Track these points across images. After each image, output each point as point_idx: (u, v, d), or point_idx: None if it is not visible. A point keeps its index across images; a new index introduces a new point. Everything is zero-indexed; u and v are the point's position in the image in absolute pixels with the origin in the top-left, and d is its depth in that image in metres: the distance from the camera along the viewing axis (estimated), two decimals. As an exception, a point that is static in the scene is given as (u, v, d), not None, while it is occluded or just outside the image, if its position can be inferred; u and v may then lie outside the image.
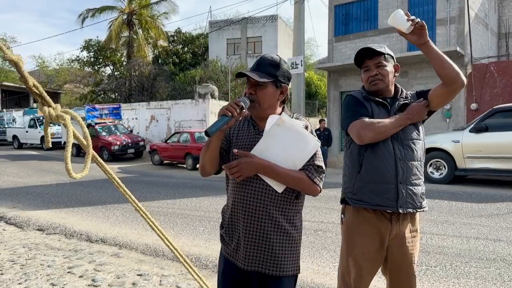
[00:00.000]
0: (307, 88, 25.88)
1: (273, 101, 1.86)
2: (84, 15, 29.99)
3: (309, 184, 1.80)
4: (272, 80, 1.82)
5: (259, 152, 1.79)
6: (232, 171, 1.77)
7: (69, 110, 1.74)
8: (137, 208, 2.25)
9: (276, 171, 1.77)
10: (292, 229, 1.84)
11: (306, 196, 1.93)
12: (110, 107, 20.71)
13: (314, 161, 1.82)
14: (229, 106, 1.73)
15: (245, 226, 1.83)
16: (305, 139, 1.80)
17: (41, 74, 43.74)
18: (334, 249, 4.90)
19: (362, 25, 14.67)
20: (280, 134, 1.78)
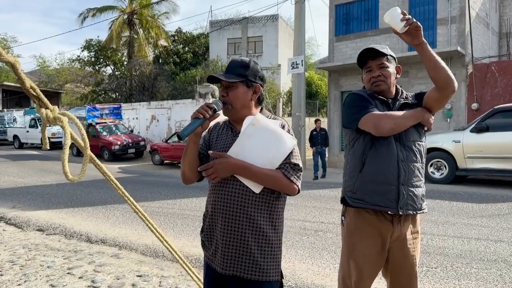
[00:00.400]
0: (307, 88, 25.84)
1: (245, 101, 1.86)
2: (85, 15, 29.98)
3: (286, 183, 1.77)
4: (242, 80, 1.83)
5: (235, 153, 1.79)
6: (208, 172, 1.77)
7: (66, 112, 1.73)
8: (136, 210, 2.24)
9: (252, 170, 1.75)
10: (272, 231, 1.81)
11: (306, 197, 1.93)
12: (110, 107, 20.70)
13: (290, 159, 1.79)
14: (201, 108, 1.75)
15: (223, 229, 1.81)
16: (281, 138, 1.78)
17: (42, 74, 43.76)
18: (334, 250, 4.89)
19: (363, 25, 14.63)
20: (256, 134, 1.78)
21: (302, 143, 13.80)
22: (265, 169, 1.76)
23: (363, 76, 2.28)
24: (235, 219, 1.78)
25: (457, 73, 12.59)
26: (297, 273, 4.12)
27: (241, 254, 1.78)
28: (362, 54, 2.22)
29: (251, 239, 1.77)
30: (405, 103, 2.20)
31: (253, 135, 1.78)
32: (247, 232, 1.77)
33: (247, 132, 1.79)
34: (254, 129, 1.78)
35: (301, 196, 8.66)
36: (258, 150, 1.78)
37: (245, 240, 1.77)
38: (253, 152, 1.78)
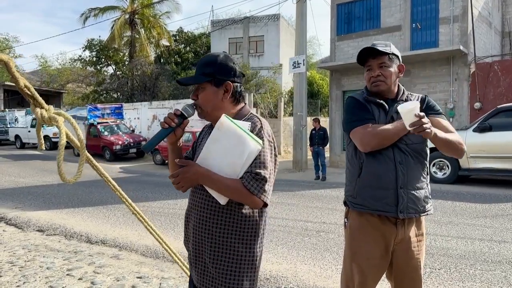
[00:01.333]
0: (309, 88, 25.78)
1: (216, 102, 1.70)
2: (87, 15, 29.96)
3: (246, 195, 1.56)
4: (209, 80, 1.69)
5: (203, 160, 1.65)
6: (175, 181, 1.64)
7: (62, 111, 1.69)
8: (134, 211, 2.20)
9: (213, 180, 1.59)
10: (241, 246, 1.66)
11: (308, 197, 1.91)
12: (112, 106, 20.68)
13: (252, 168, 1.57)
14: (167, 118, 1.68)
15: (193, 238, 1.75)
16: (244, 142, 1.56)
17: (43, 74, 43.82)
18: (336, 251, 4.84)
19: (365, 24, 14.57)
20: (221, 138, 1.61)
21: (304, 143, 13.75)
22: (226, 179, 1.57)
23: (365, 75, 2.24)
24: (198, 231, 1.70)
25: (459, 73, 12.53)
26: (298, 274, 4.07)
27: (202, 269, 1.72)
28: (362, 53, 2.17)
29: (207, 256, 1.68)
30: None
31: (218, 139, 1.62)
32: (206, 247, 1.69)
33: (213, 137, 1.63)
34: (219, 133, 1.61)
35: (303, 196, 8.62)
36: (223, 156, 1.61)
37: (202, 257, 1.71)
38: (218, 158, 1.62)
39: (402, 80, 10.35)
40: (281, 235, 5.58)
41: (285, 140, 19.67)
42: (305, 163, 13.76)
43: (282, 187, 9.78)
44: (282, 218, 6.58)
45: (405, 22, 13.62)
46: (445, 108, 12.74)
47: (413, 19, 13.56)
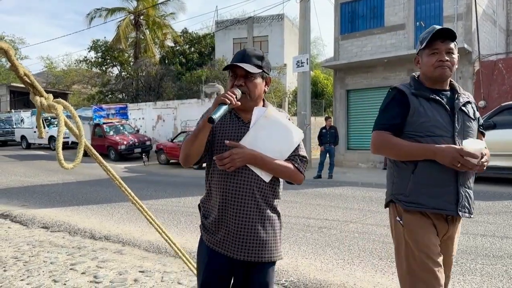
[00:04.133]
0: (313, 87, 25.78)
1: (261, 92, 1.92)
2: (92, 15, 30.14)
3: (296, 173, 1.90)
4: (260, 72, 1.88)
5: (248, 143, 1.84)
6: (224, 161, 1.80)
7: (61, 100, 1.72)
8: (133, 201, 2.24)
9: (266, 161, 1.84)
10: (276, 216, 1.93)
11: (311, 195, 1.98)
12: (117, 107, 20.78)
13: (299, 152, 1.92)
14: (227, 94, 1.74)
15: (235, 216, 1.86)
16: (291, 131, 1.89)
17: (49, 75, 44.11)
18: (338, 246, 4.86)
19: (368, 23, 14.56)
20: (268, 125, 1.86)
21: (308, 142, 13.75)
22: (279, 161, 1.86)
23: (423, 59, 2.09)
24: (246, 206, 1.85)
25: (463, 71, 12.49)
26: (299, 268, 4.10)
27: (250, 239, 1.85)
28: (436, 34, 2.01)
29: (259, 224, 1.86)
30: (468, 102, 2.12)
31: (265, 127, 1.86)
32: (257, 218, 1.86)
33: (260, 124, 1.85)
34: (267, 121, 1.86)
35: (305, 194, 8.63)
36: (270, 141, 1.86)
37: (254, 226, 1.85)
38: (265, 143, 1.85)
39: (406, 78, 10.32)
40: (283, 231, 5.57)
41: (289, 139, 19.66)
42: (309, 162, 13.75)
43: (285, 185, 9.75)
44: (284, 215, 6.60)
45: (409, 20, 13.60)
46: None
47: (417, 17, 13.54)
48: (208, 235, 1.95)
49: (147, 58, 28.51)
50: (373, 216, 6.47)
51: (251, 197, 1.85)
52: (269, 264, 1.90)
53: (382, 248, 4.77)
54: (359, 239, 5.14)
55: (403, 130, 2.04)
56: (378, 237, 5.24)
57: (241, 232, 1.85)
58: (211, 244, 1.92)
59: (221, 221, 1.89)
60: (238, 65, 1.83)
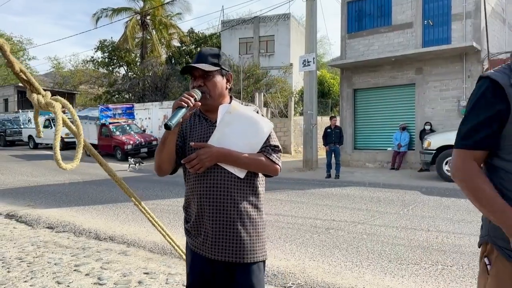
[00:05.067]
0: (319, 87, 25.65)
1: (222, 90, 1.88)
2: (98, 15, 30.18)
3: (269, 164, 1.84)
4: (218, 69, 1.85)
5: (216, 142, 1.81)
6: (192, 163, 1.77)
7: (59, 97, 1.65)
8: (136, 202, 2.17)
9: (236, 157, 1.79)
10: (256, 214, 1.86)
11: (318, 195, 1.89)
12: (123, 107, 20.78)
13: (269, 142, 1.86)
14: (183, 98, 1.71)
15: (212, 217, 1.82)
16: (258, 122, 1.84)
17: (56, 75, 44.34)
18: (346, 248, 4.76)
19: (376, 21, 14.42)
20: (233, 121, 1.82)
21: (314, 142, 13.65)
22: (250, 155, 1.81)
23: None
24: (223, 205, 1.80)
25: (472, 69, 12.32)
26: (306, 271, 4.01)
27: (230, 239, 1.80)
28: None
29: (239, 224, 1.81)
30: None
31: (231, 122, 1.82)
32: (235, 217, 1.80)
33: (225, 120, 1.82)
34: (231, 116, 1.82)
35: (312, 194, 8.54)
36: (238, 136, 1.82)
37: (233, 225, 1.80)
38: (233, 139, 1.81)
39: (414, 78, 10.18)
40: (289, 232, 5.52)
41: (295, 139, 19.56)
42: (315, 162, 13.66)
43: (292, 186, 9.72)
44: (291, 216, 6.52)
45: (416, 19, 13.44)
46: (458, 105, 12.55)
47: (425, 15, 13.38)
48: (190, 238, 1.93)
49: (154, 58, 28.52)
50: (381, 217, 6.36)
51: (227, 196, 1.80)
52: (253, 264, 1.83)
53: (391, 250, 4.67)
54: (368, 241, 5.05)
55: (500, 145, 1.39)
56: (387, 238, 5.14)
57: (219, 232, 1.80)
58: (193, 247, 1.91)
59: (200, 223, 1.87)
60: (192, 66, 1.81)
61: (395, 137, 13.38)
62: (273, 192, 8.51)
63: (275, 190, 8.61)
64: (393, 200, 7.80)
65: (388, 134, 14.02)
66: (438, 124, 12.78)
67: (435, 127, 12.67)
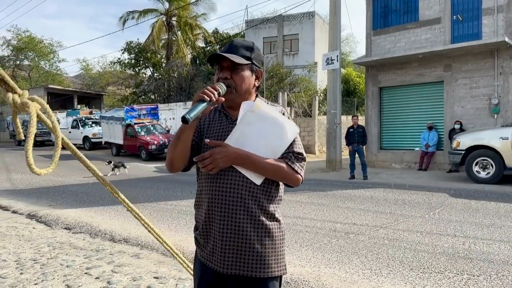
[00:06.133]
0: (345, 86, 25.22)
1: (249, 86, 1.71)
2: (125, 18, 30.64)
3: (290, 173, 1.65)
4: (248, 64, 1.68)
5: (234, 141, 1.62)
6: (205, 162, 1.60)
7: (36, 97, 1.53)
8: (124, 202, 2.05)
9: (254, 160, 1.61)
10: (273, 224, 1.67)
11: (340, 197, 1.70)
12: (148, 107, 20.98)
13: (293, 148, 1.68)
14: (206, 90, 1.53)
15: (221, 225, 1.64)
16: (283, 126, 1.65)
17: (85, 77, 45.40)
18: (365, 254, 4.53)
19: (402, 18, 13.98)
20: (256, 121, 1.64)
21: (338, 142, 13.36)
22: (270, 160, 1.63)
23: None
24: (234, 213, 1.62)
25: (504, 66, 11.77)
26: (321, 278, 3.81)
27: (242, 251, 1.63)
28: None
29: (252, 234, 1.62)
30: None
31: (253, 122, 1.64)
32: (248, 227, 1.62)
33: (246, 119, 1.64)
34: (254, 116, 1.64)
35: (334, 196, 8.30)
36: (259, 138, 1.64)
37: (246, 236, 1.62)
38: (253, 140, 1.63)
39: (442, 75, 9.77)
40: (307, 236, 5.32)
41: (319, 139, 19.26)
42: (339, 163, 13.36)
43: (313, 187, 9.49)
44: (310, 219, 6.31)
45: (445, 14, 12.95)
46: (489, 104, 12.01)
47: (453, 10, 12.88)
48: (199, 248, 1.77)
49: (179, 59, 28.72)
50: (405, 221, 6.08)
51: (239, 203, 1.62)
52: (268, 280, 1.65)
53: (413, 257, 4.42)
54: (389, 247, 4.79)
55: None
56: (410, 244, 4.88)
57: (228, 243, 1.63)
58: (202, 258, 1.74)
59: (209, 232, 1.70)
60: (222, 55, 1.63)
61: (423, 136, 12.94)
62: (293, 193, 8.31)
63: (295, 192, 8.41)
64: (419, 203, 7.47)
65: (415, 133, 13.58)
66: (468, 123, 12.27)
67: (465, 126, 12.17)
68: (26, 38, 40.88)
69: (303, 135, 18.79)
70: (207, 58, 1.72)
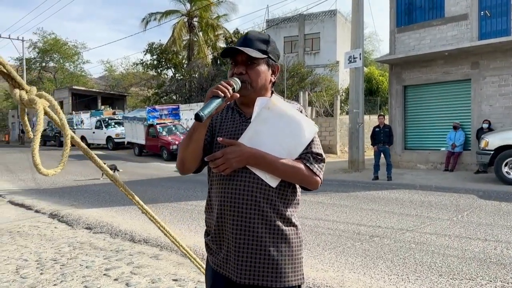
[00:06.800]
0: (367, 84, 24.83)
1: (265, 83, 1.61)
2: (147, 19, 30.95)
3: (308, 175, 1.53)
4: (265, 58, 1.58)
5: (248, 140, 1.52)
6: (217, 163, 1.49)
7: (44, 93, 1.45)
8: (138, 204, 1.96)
9: (269, 160, 1.50)
10: (290, 230, 1.56)
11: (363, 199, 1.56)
12: (169, 107, 21.14)
13: (312, 149, 1.56)
14: (220, 86, 1.43)
15: (234, 231, 1.53)
16: (300, 124, 1.54)
17: (109, 78, 46.13)
18: (391, 258, 4.35)
19: (427, 14, 13.61)
20: (271, 118, 1.53)
21: (361, 142, 13.10)
22: (287, 160, 1.51)
23: None
24: (248, 218, 1.52)
25: (536, 62, 11.31)
26: (345, 284, 3.66)
27: (258, 259, 1.52)
28: None
29: (268, 241, 1.52)
30: None
31: (268, 120, 1.52)
32: (264, 233, 1.52)
33: (261, 117, 1.52)
34: (270, 113, 1.52)
35: (357, 197, 8.09)
36: (274, 137, 1.52)
37: (262, 243, 1.52)
38: (268, 139, 1.52)
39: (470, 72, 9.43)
40: (329, 239, 5.16)
41: (341, 139, 18.97)
42: (361, 163, 13.10)
43: (335, 188, 9.29)
44: (333, 221, 6.14)
45: (472, 10, 12.53)
46: (519, 102, 11.56)
47: (481, 6, 12.45)
48: (210, 254, 1.66)
49: (200, 60, 28.83)
50: (432, 224, 5.85)
51: (254, 206, 1.51)
52: None
53: (442, 262, 4.21)
54: (416, 251, 4.59)
55: None
56: (438, 248, 4.67)
57: (243, 249, 1.52)
58: (214, 265, 1.63)
59: (221, 238, 1.59)
60: (237, 48, 1.53)
61: (449, 136, 12.56)
62: (314, 194, 8.14)
63: (316, 192, 8.23)
64: (446, 205, 7.21)
65: (441, 133, 13.20)
66: (496, 122, 11.85)
67: (494, 125, 11.74)
68: (52, 40, 41.82)
69: (325, 135, 18.55)
70: (221, 52, 1.60)
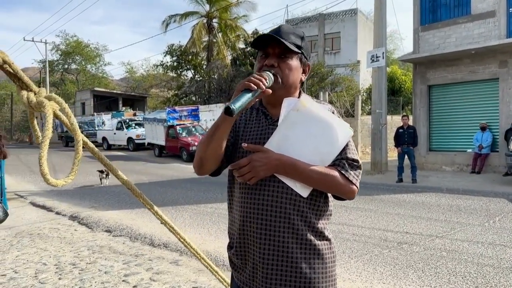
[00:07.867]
0: (390, 84, 24.35)
1: (297, 80, 1.45)
2: (167, 21, 31.11)
3: (343, 184, 1.37)
4: (299, 53, 1.43)
5: (275, 146, 1.37)
6: (242, 171, 1.34)
7: (53, 95, 1.31)
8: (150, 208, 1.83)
9: (300, 168, 1.35)
10: (323, 244, 1.42)
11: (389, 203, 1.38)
12: (189, 109, 21.14)
13: (346, 154, 1.40)
14: (253, 78, 1.25)
15: (261, 245, 1.39)
16: (333, 127, 1.38)
17: (130, 80, 46.65)
18: (422, 267, 4.12)
19: (452, 11, 13.20)
20: (301, 121, 1.38)
21: (384, 143, 12.78)
22: (319, 168, 1.36)
23: None
24: (278, 232, 1.37)
25: None
26: (375, 295, 3.46)
27: (288, 276, 1.38)
28: None
29: (299, 256, 1.38)
30: None
31: (297, 123, 1.38)
32: (294, 247, 1.37)
33: (290, 120, 1.38)
34: (299, 115, 1.38)
35: (382, 201, 7.83)
36: (305, 142, 1.38)
37: (292, 259, 1.37)
38: (298, 145, 1.38)
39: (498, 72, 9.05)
40: (355, 245, 4.94)
41: (363, 140, 18.62)
42: (384, 165, 12.78)
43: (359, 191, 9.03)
44: (358, 226, 5.92)
45: (500, 6, 12.08)
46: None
47: (509, 2, 11.99)
48: (235, 271, 1.51)
49: (219, 61, 28.81)
50: (463, 230, 5.57)
51: (283, 219, 1.36)
52: None
53: (477, 272, 3.96)
54: (448, 259, 4.35)
55: None
56: (471, 257, 4.41)
57: (271, 266, 1.37)
58: (239, 282, 1.49)
59: (246, 252, 1.45)
60: (271, 38, 1.37)
61: (476, 137, 12.14)
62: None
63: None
64: (476, 209, 6.89)
65: (468, 134, 12.76)
66: (526, 123, 11.38)
67: (524, 126, 11.29)
68: (74, 42, 42.52)
69: (346, 136, 18.22)
70: (253, 41, 1.43)
